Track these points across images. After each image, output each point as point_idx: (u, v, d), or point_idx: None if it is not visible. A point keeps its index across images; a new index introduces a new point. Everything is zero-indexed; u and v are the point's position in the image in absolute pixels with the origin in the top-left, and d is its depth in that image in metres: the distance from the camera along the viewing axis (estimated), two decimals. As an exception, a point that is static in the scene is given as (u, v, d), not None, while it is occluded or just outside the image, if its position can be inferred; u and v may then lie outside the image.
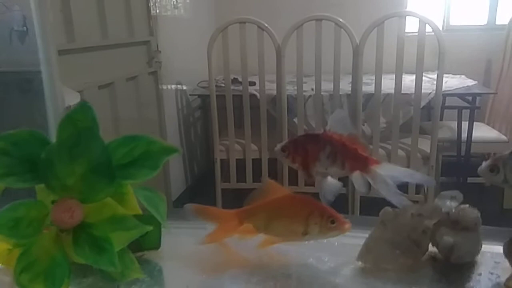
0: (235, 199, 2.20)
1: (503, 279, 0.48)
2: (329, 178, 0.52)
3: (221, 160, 2.12)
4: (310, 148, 0.51)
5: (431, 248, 0.53)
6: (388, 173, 0.49)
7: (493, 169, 0.47)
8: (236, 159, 2.11)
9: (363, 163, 0.50)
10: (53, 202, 0.45)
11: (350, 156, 0.50)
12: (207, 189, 2.24)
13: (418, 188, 2.00)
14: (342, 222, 0.51)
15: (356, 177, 0.50)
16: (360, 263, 0.53)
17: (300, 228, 0.51)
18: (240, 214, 0.55)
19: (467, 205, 0.52)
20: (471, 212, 0.51)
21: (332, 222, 0.50)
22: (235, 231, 0.55)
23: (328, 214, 0.51)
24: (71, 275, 0.47)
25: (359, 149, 0.50)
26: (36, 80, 0.81)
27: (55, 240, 0.45)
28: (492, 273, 0.50)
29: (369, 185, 0.51)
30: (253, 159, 2.11)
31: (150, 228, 0.47)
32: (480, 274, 0.50)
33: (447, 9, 2.85)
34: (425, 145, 1.98)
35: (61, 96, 0.82)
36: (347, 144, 0.50)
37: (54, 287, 0.44)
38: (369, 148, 0.52)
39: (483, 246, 0.52)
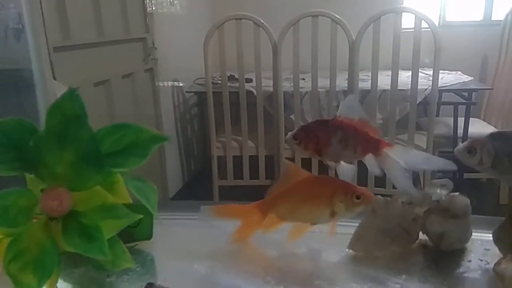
0: (232, 196, 2.20)
1: (492, 265, 0.48)
2: (343, 163, 0.52)
3: (218, 157, 2.12)
4: (321, 134, 0.51)
5: (422, 236, 0.53)
6: (401, 157, 0.49)
7: (470, 150, 0.47)
8: (233, 156, 2.11)
9: (374, 146, 0.50)
10: (42, 190, 0.45)
11: (361, 139, 0.50)
12: (204, 186, 2.25)
13: (415, 182, 2.00)
14: (367, 195, 0.50)
15: (369, 160, 0.50)
16: (351, 251, 0.53)
17: (326, 210, 0.50)
18: (262, 205, 0.53)
19: (457, 193, 0.52)
20: (461, 200, 0.51)
21: (357, 197, 0.49)
22: (260, 225, 0.53)
23: (352, 190, 0.50)
24: (62, 265, 0.47)
25: (370, 132, 0.50)
26: (31, 77, 0.81)
27: (45, 228, 0.45)
28: (481, 260, 0.50)
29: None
30: (250, 156, 2.11)
31: (139, 216, 0.47)
32: (470, 261, 0.50)
33: (443, 5, 2.85)
34: (421, 141, 1.98)
35: (53, 94, 0.82)
36: (358, 128, 0.50)
37: (43, 276, 0.44)
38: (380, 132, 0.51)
39: (473, 233, 0.53)
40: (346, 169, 0.52)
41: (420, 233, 0.53)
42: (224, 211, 0.55)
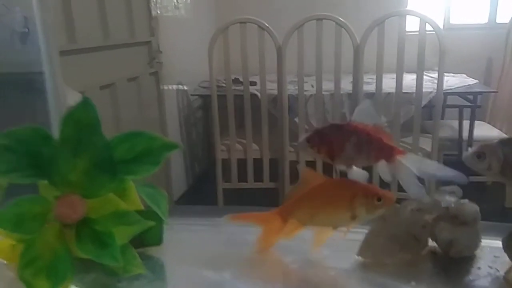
0: (237, 199, 2.20)
1: (502, 273, 0.48)
2: (355, 168, 0.52)
3: (222, 160, 2.12)
4: (335, 138, 0.50)
5: (431, 243, 0.53)
6: (414, 165, 0.49)
7: (480, 155, 0.47)
8: (237, 159, 2.12)
9: (388, 153, 0.50)
10: (56, 197, 0.46)
11: (375, 145, 0.50)
12: (209, 189, 2.25)
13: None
14: (388, 197, 0.48)
15: (381, 166, 0.50)
16: (360, 258, 0.53)
17: (347, 213, 0.49)
18: (282, 212, 0.53)
19: (466, 200, 0.52)
20: (470, 207, 0.51)
21: (378, 199, 0.48)
22: (282, 231, 0.53)
23: (372, 193, 0.48)
24: (74, 271, 0.47)
25: (384, 138, 0.50)
26: (37, 81, 0.81)
27: (58, 235, 0.46)
28: (491, 267, 0.50)
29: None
30: (254, 159, 2.11)
31: (152, 223, 0.48)
32: (479, 268, 0.50)
33: (448, 7, 2.85)
34: (426, 144, 1.98)
35: (63, 96, 0.83)
36: (372, 134, 0.50)
37: (57, 282, 0.45)
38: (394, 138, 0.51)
39: (482, 240, 0.53)
40: (358, 175, 0.52)
41: (429, 240, 0.53)
42: (244, 219, 0.55)
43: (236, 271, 0.53)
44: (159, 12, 2.12)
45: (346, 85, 2.03)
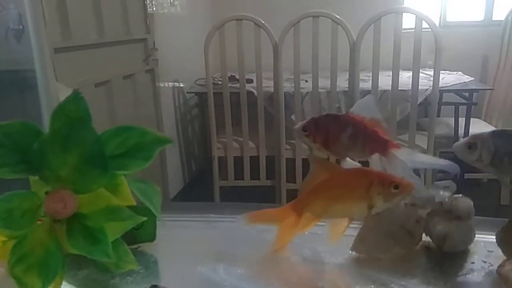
0: (233, 196, 2.20)
1: (495, 267, 0.48)
2: (348, 160, 0.52)
3: (219, 157, 2.12)
4: (331, 128, 0.50)
5: (425, 238, 0.53)
6: (408, 159, 0.49)
7: (471, 146, 0.47)
8: (234, 157, 2.11)
9: (382, 146, 0.50)
10: (46, 193, 0.45)
11: (370, 138, 0.50)
12: (205, 186, 2.25)
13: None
14: (406, 185, 0.47)
15: (375, 159, 0.50)
16: (354, 253, 0.53)
17: (364, 203, 0.48)
18: (296, 205, 0.51)
19: (460, 195, 0.52)
20: (464, 202, 0.51)
21: (396, 187, 0.47)
22: (297, 225, 0.51)
23: (389, 181, 0.47)
24: (66, 268, 0.47)
25: (380, 132, 0.50)
26: (32, 78, 0.81)
27: (49, 231, 0.45)
28: (485, 262, 0.50)
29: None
30: (250, 157, 2.11)
31: (144, 218, 0.47)
32: (473, 263, 0.51)
33: (444, 5, 2.85)
34: (422, 141, 1.98)
35: (55, 94, 0.82)
36: (368, 127, 0.50)
37: (48, 278, 0.44)
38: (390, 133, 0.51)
39: (476, 235, 0.53)
40: (351, 167, 0.52)
41: (423, 234, 0.53)
42: (260, 217, 0.54)
43: (230, 267, 0.53)
44: (154, 9, 2.11)
45: (342, 82, 2.03)
